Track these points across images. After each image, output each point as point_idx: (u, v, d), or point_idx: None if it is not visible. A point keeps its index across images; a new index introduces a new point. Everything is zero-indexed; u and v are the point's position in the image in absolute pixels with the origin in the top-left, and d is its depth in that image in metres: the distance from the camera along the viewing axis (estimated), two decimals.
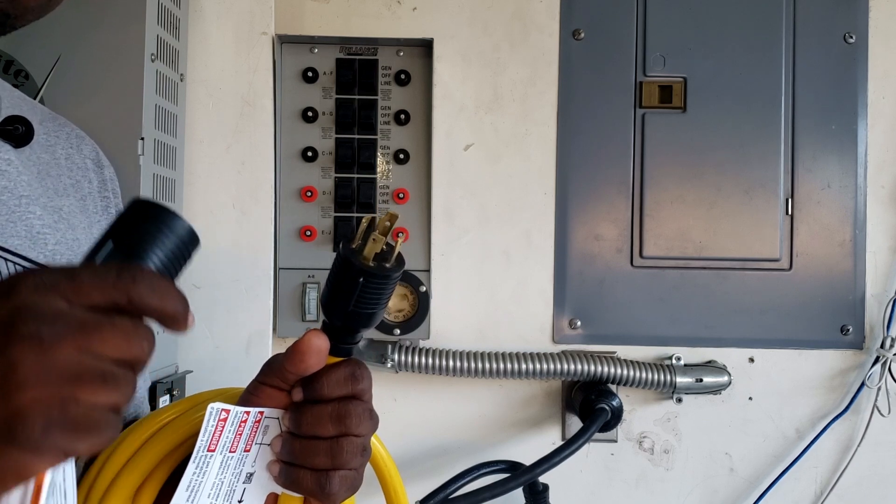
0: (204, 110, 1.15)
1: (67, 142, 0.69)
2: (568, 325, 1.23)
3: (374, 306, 0.51)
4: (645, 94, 1.23)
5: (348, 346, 0.53)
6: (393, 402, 1.23)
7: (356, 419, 0.52)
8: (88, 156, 0.71)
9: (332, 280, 0.51)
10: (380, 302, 0.52)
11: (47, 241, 0.60)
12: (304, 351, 0.51)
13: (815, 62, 1.23)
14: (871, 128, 1.24)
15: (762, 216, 1.22)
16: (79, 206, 0.67)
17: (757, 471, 1.24)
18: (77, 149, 0.70)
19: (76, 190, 0.68)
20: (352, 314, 0.51)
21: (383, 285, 0.51)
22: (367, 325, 0.53)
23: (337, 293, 0.51)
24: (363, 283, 0.50)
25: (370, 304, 0.51)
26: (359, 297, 0.50)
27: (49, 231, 0.60)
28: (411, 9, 1.22)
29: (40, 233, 0.59)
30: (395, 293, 1.22)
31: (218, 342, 1.14)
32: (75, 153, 0.69)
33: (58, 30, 0.95)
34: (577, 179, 1.23)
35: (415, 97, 1.22)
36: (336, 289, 0.51)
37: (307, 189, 1.21)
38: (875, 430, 1.22)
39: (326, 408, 0.52)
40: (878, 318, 1.22)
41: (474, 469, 1.17)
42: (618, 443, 1.24)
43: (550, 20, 1.23)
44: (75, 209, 0.66)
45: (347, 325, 0.52)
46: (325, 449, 0.52)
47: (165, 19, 1.02)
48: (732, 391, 1.23)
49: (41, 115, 0.68)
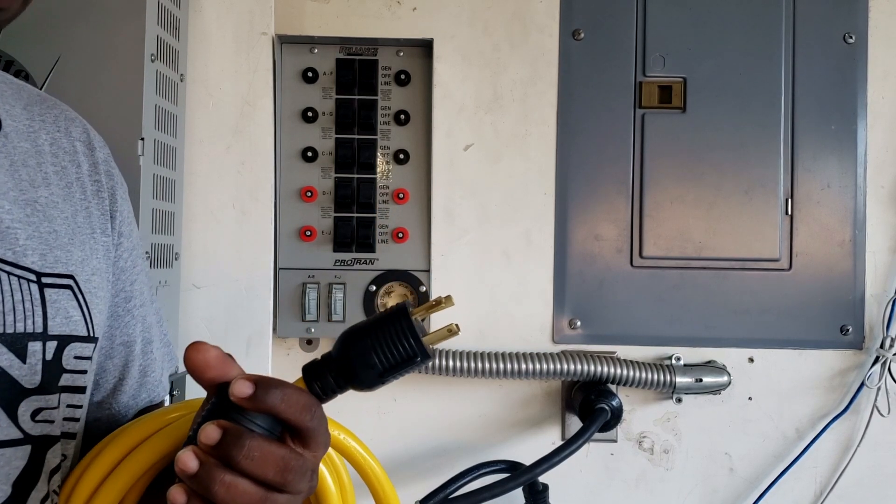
0: (204, 110, 1.15)
1: (55, 125, 0.66)
2: (568, 325, 1.23)
3: (393, 377, 0.51)
4: (645, 94, 1.23)
5: (331, 392, 0.51)
6: (393, 403, 1.24)
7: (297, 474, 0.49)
8: (78, 138, 0.68)
9: (384, 340, 0.50)
10: (398, 376, 0.51)
11: (18, 237, 0.57)
12: (199, 367, 0.50)
13: (815, 62, 1.23)
14: (871, 128, 1.24)
15: (762, 216, 1.22)
16: (62, 195, 0.64)
17: (757, 471, 1.24)
18: (65, 132, 0.67)
19: (60, 177, 0.65)
20: (372, 377, 0.50)
21: (419, 365, 0.51)
22: (364, 387, 0.51)
23: (383, 355, 0.50)
24: (418, 363, 0.50)
25: (395, 375, 0.51)
26: (395, 369, 0.50)
27: (20, 226, 0.58)
28: (411, 9, 1.22)
29: (10, 227, 0.57)
30: (395, 293, 1.22)
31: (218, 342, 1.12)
32: (62, 137, 0.66)
33: (58, 30, 0.94)
34: (577, 179, 1.23)
35: (415, 97, 1.22)
36: (384, 351, 0.50)
37: (307, 189, 1.21)
38: (875, 430, 1.23)
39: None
40: (877, 318, 1.22)
41: (474, 469, 1.17)
42: (617, 443, 1.24)
43: (550, 20, 1.23)
44: (57, 198, 0.63)
45: (356, 378, 0.51)
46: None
47: (165, 19, 1.02)
48: (732, 391, 1.23)
49: (27, 99, 0.65)
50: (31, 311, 0.56)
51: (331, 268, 1.21)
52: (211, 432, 0.47)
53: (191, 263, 1.14)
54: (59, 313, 0.58)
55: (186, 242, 1.13)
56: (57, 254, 0.60)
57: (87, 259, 0.63)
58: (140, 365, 0.71)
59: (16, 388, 0.55)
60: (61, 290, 0.59)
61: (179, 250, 1.11)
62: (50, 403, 0.57)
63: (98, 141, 0.70)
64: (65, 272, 0.60)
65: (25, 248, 0.57)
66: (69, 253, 0.61)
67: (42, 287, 0.57)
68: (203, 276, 1.14)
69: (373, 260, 1.21)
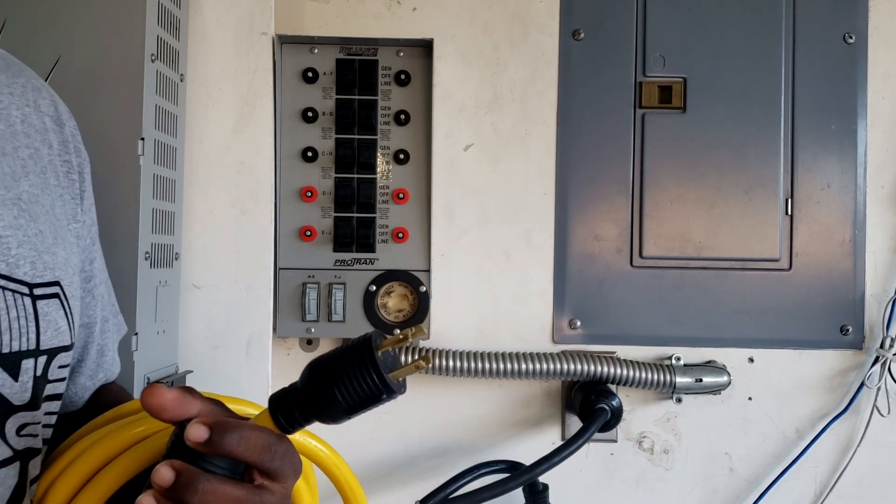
0: (204, 110, 1.15)
1: (23, 98, 0.60)
2: (568, 325, 1.23)
3: (360, 412, 0.50)
4: (645, 94, 1.23)
5: (297, 424, 0.50)
6: (393, 403, 1.23)
7: None
8: (47, 112, 0.62)
9: (348, 376, 0.49)
10: (365, 411, 0.50)
11: (10, 245, 0.54)
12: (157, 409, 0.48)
13: (815, 62, 1.23)
14: (871, 128, 1.24)
15: (762, 216, 1.22)
16: (39, 184, 0.59)
17: (757, 471, 1.24)
18: (34, 106, 0.61)
19: (35, 162, 0.59)
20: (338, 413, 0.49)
21: (385, 401, 0.50)
22: (330, 421, 0.50)
23: (346, 392, 0.49)
24: (384, 399, 0.49)
25: (361, 411, 0.50)
26: (360, 405, 0.49)
27: (10, 232, 0.54)
28: (411, 9, 1.22)
29: (2, 236, 0.53)
30: (396, 293, 1.22)
31: (218, 342, 1.14)
32: (32, 112, 0.60)
33: (58, 30, 0.94)
34: (577, 179, 1.23)
35: (415, 97, 1.22)
36: (347, 388, 0.49)
37: (307, 189, 1.21)
38: (875, 430, 1.23)
39: None
40: (877, 318, 1.22)
41: (474, 469, 1.17)
42: (617, 443, 1.24)
43: (550, 20, 1.23)
44: (36, 189, 0.58)
45: (322, 413, 0.50)
46: None
47: (165, 19, 1.02)
48: (732, 391, 1.23)
49: None
50: (25, 328, 0.54)
51: (331, 268, 1.21)
52: (164, 474, 0.46)
53: (191, 263, 1.14)
54: (50, 326, 0.57)
55: (186, 242, 1.13)
56: (45, 259, 0.57)
57: (68, 259, 0.61)
58: (98, 345, 0.69)
59: (4, 407, 0.53)
60: (51, 301, 0.57)
61: (179, 250, 1.11)
62: (35, 419, 0.56)
63: (66, 113, 0.65)
64: (52, 279, 0.58)
65: (18, 257, 0.55)
66: (54, 255, 0.59)
67: (34, 300, 0.55)
68: (203, 276, 1.14)
69: (373, 260, 1.21)
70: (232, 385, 1.12)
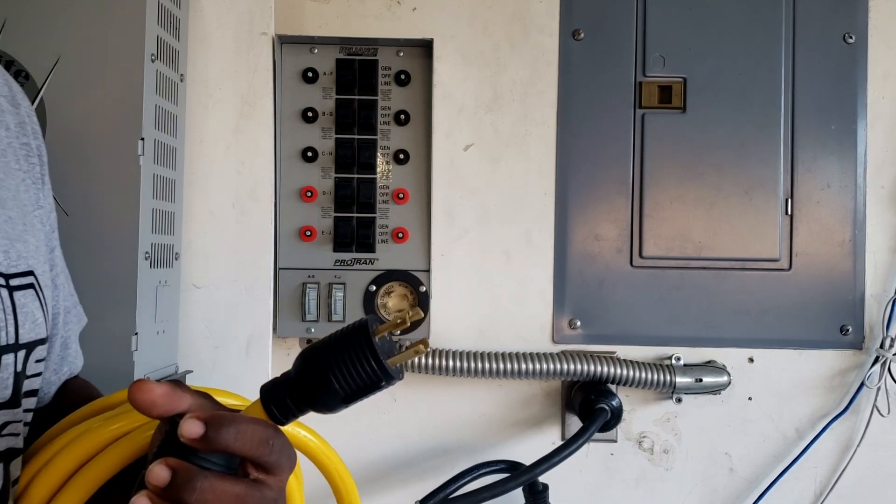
0: (204, 110, 1.15)
1: None
2: (568, 325, 1.23)
3: (357, 400, 0.48)
4: (645, 94, 1.23)
5: (291, 415, 0.48)
6: (393, 403, 1.24)
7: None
8: (1, 93, 0.59)
9: (344, 362, 0.46)
10: (362, 399, 0.48)
11: None
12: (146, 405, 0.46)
13: (815, 62, 1.23)
14: (871, 128, 1.24)
15: (762, 216, 1.22)
16: (2, 167, 0.56)
17: (757, 471, 1.24)
18: None
19: None
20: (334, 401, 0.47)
21: (384, 388, 0.48)
22: (325, 411, 0.48)
23: (343, 379, 0.46)
24: (382, 386, 0.47)
25: (358, 399, 0.48)
26: (358, 393, 0.47)
27: None
28: (411, 9, 1.23)
29: None
30: (395, 293, 1.22)
31: (218, 342, 1.14)
32: None
33: (58, 30, 0.94)
34: (577, 179, 1.23)
35: (415, 97, 1.22)
36: (344, 374, 0.46)
37: (307, 189, 1.21)
38: (874, 430, 1.23)
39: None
40: (877, 318, 1.22)
41: (474, 469, 1.17)
42: (617, 443, 1.24)
43: (550, 20, 1.23)
44: (0, 174, 0.55)
45: (317, 402, 0.47)
46: None
47: (165, 19, 1.02)
48: (732, 391, 1.23)
49: None
50: (3, 322, 0.52)
51: (331, 268, 1.21)
52: (159, 473, 0.43)
53: (191, 263, 1.14)
54: (28, 318, 0.54)
55: (186, 242, 1.13)
56: (18, 247, 0.55)
57: (39, 247, 0.59)
58: (62, 337, 0.67)
59: None
60: (27, 292, 0.55)
61: (179, 250, 1.11)
62: (17, 416, 0.54)
63: (20, 94, 0.62)
64: (26, 269, 0.55)
65: None
66: (26, 243, 0.56)
67: (11, 291, 0.53)
68: (203, 276, 1.14)
69: (373, 260, 1.21)
70: (232, 385, 1.11)
